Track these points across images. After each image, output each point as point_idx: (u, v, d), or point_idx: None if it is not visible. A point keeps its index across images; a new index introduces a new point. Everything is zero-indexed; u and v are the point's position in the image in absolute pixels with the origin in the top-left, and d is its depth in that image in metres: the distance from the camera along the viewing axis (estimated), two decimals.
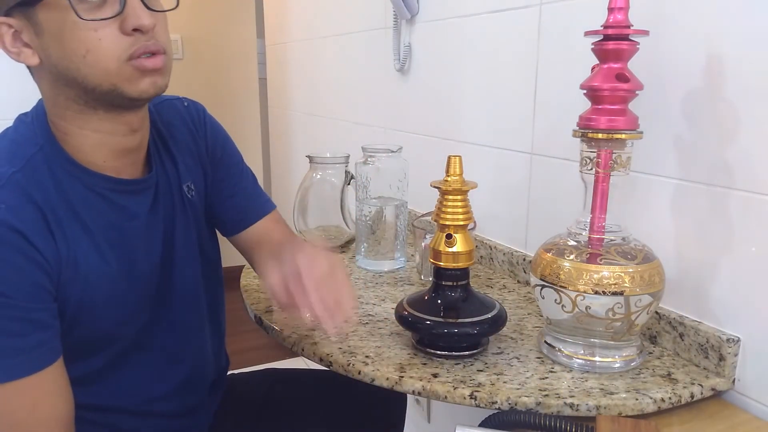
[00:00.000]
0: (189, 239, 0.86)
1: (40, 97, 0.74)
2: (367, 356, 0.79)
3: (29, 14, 0.65)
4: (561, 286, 0.74)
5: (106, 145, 0.72)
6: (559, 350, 0.78)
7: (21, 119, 0.75)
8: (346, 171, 1.26)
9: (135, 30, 0.65)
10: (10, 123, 0.75)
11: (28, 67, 0.71)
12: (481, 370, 0.76)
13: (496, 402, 0.69)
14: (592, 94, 0.74)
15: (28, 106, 0.76)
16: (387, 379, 0.75)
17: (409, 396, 1.00)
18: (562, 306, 0.74)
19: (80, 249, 0.71)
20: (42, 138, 0.70)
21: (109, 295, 0.74)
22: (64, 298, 0.70)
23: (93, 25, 0.63)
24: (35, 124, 0.71)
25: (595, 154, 0.74)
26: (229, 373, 1.07)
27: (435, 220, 0.79)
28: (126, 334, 0.79)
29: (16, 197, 0.66)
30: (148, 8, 0.66)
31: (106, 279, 0.73)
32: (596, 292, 0.71)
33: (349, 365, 0.77)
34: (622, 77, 0.72)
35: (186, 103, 0.90)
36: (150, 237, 0.80)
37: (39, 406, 0.67)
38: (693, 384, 0.73)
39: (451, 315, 0.78)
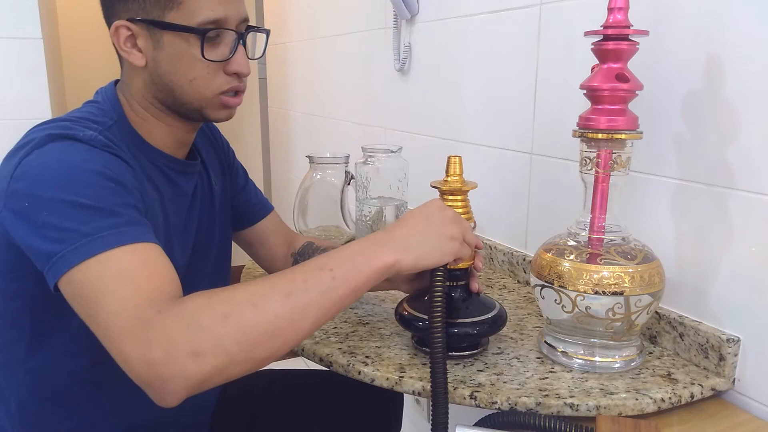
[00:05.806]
0: (211, 226, 0.93)
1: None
2: (367, 356, 0.79)
3: (153, 30, 0.74)
4: (561, 287, 0.73)
5: (172, 135, 0.83)
6: (559, 350, 0.78)
7: (92, 101, 0.82)
8: (346, 171, 1.26)
9: (234, 73, 0.77)
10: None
11: (122, 59, 0.78)
12: (481, 370, 0.76)
13: (496, 402, 0.69)
14: (592, 94, 0.74)
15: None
16: (387, 379, 0.75)
17: (408, 396, 1.00)
18: (562, 306, 0.74)
19: (154, 203, 0.78)
20: (115, 116, 0.78)
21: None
22: None
23: (208, 62, 0.74)
24: (107, 106, 0.79)
25: (594, 154, 0.74)
26: None
27: None
28: None
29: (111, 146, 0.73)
30: (249, 57, 0.80)
31: (162, 238, 0.78)
32: (596, 292, 0.71)
33: (349, 365, 0.77)
34: (622, 77, 0.72)
35: None
36: (190, 216, 0.87)
37: (150, 261, 0.66)
38: (693, 384, 0.73)
39: (451, 315, 0.78)
